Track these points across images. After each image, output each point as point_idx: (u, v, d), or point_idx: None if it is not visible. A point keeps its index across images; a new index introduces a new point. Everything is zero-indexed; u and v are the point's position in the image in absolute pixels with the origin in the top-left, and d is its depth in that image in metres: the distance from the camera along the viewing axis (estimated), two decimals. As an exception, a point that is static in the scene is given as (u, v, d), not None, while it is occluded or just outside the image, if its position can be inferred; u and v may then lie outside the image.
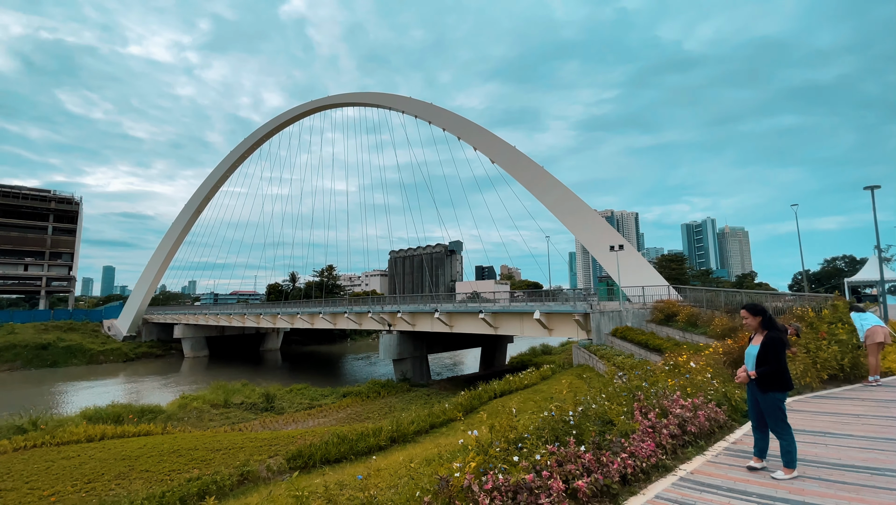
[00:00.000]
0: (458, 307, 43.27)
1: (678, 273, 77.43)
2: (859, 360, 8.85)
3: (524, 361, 48.10)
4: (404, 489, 4.19)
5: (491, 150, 53.33)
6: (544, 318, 35.52)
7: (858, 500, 3.78)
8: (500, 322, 39.92)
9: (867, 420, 6.00)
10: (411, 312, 43.47)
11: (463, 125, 53.71)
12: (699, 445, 5.21)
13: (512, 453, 4.15)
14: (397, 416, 20.82)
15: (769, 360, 4.44)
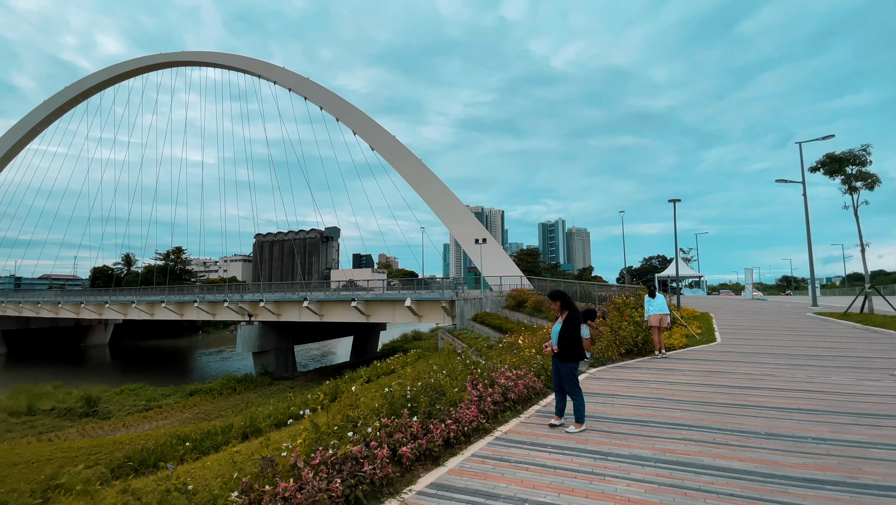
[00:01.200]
0: (330, 295, 41.96)
1: (533, 266, 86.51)
2: (649, 337, 11.10)
3: (395, 347, 48.92)
4: (227, 474, 4.03)
5: (371, 136, 52.48)
6: (415, 305, 36.62)
7: (626, 445, 4.81)
8: (373, 310, 39.88)
9: (647, 385, 7.60)
10: (277, 300, 40.77)
11: (342, 107, 51.77)
12: (517, 410, 6.05)
13: (348, 430, 4.30)
14: (253, 411, 19.49)
15: (566, 335, 5.37)
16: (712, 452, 4.52)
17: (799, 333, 13.95)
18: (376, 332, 54.65)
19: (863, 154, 17.16)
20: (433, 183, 50.50)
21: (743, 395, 6.69)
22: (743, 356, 10.03)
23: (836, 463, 4.18)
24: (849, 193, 17.77)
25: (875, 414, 5.62)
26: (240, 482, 3.29)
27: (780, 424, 5.33)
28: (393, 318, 40.43)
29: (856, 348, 10.79)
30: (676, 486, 3.80)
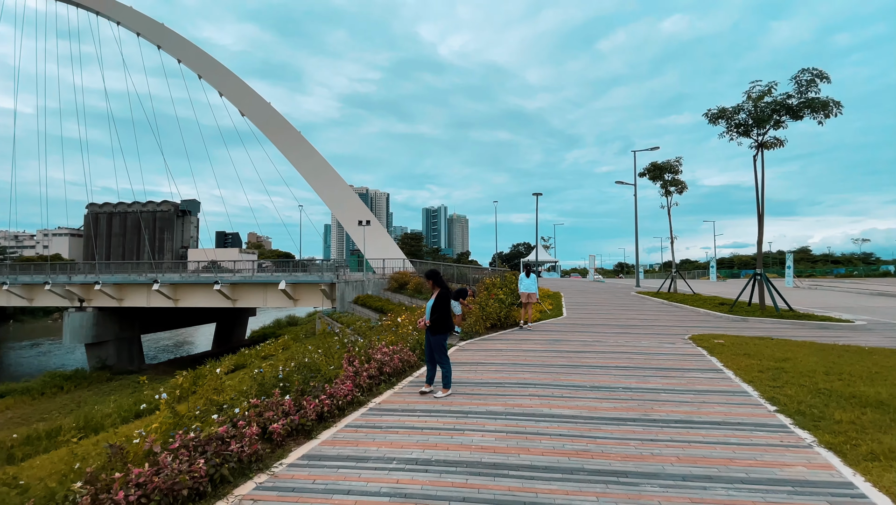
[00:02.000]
0: (188, 278, 37.44)
1: (416, 249, 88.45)
2: (511, 313, 12.45)
3: (266, 333, 45.82)
4: (65, 469, 3.59)
5: (242, 100, 47.37)
6: (290, 288, 34.78)
7: (483, 404, 5.47)
8: (241, 294, 36.73)
9: (505, 353, 8.59)
10: (118, 283, 35.03)
11: (207, 63, 45.68)
12: (391, 382, 6.41)
13: (212, 413, 4.13)
14: (88, 410, 16.71)
15: (437, 310, 5.88)
16: (550, 403, 5.43)
17: (624, 308, 16.96)
18: (244, 318, 50.48)
19: (676, 165, 21.39)
20: (314, 159, 47.91)
21: (577, 357, 8.04)
22: (581, 327, 11.91)
23: (636, 405, 5.38)
24: (664, 196, 22.05)
25: (667, 368, 7.28)
26: (83, 473, 2.98)
27: (601, 378, 6.60)
28: (265, 302, 37.81)
29: (661, 319, 13.60)
30: (520, 432, 4.53)
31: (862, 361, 7.13)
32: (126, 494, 2.83)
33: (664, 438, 4.32)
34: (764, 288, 14.32)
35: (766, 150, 13.52)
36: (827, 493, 3.27)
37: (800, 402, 5.16)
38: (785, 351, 7.90)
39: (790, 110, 12.58)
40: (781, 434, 4.38)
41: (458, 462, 3.85)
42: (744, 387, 5.97)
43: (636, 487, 3.38)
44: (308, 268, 41.26)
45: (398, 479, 3.55)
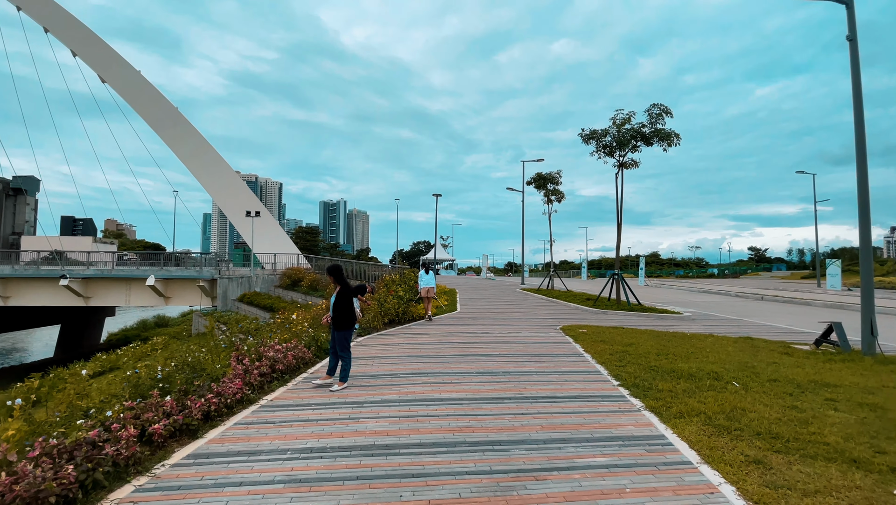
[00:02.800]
0: (24, 271, 31.30)
1: (312, 244, 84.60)
2: (409, 309, 12.89)
3: (129, 336, 40.03)
4: None
5: (102, 64, 40.80)
6: (161, 284, 31.03)
7: (379, 393, 5.75)
8: (97, 290, 31.77)
9: (402, 347, 8.95)
10: (-84, 276, 27.88)
11: (56, 14, 38.47)
12: (284, 379, 6.35)
13: (77, 418, 3.78)
14: None
15: (338, 306, 6.02)
16: (440, 389, 5.93)
17: (509, 304, 18.53)
18: (99, 318, 43.45)
19: (557, 176, 24.00)
20: (193, 139, 43.12)
21: (467, 347, 8.75)
22: (473, 321, 12.83)
23: (512, 386, 6.13)
24: (547, 203, 24.57)
25: (540, 354, 8.31)
26: None
27: (486, 364, 7.32)
28: (127, 300, 33.13)
29: (539, 313, 15.21)
30: (412, 416, 4.92)
31: (684, 344, 8.96)
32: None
33: (533, 412, 5.07)
34: (620, 286, 16.84)
35: (625, 168, 15.94)
36: (646, 443, 4.22)
37: (636, 377, 6.39)
38: (631, 337, 9.55)
39: (644, 137, 15.03)
40: (620, 402, 5.43)
41: (352, 447, 4.10)
42: (597, 367, 7.15)
43: (507, 452, 3.98)
44: (183, 261, 37.07)
45: (293, 467, 3.69)
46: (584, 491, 3.32)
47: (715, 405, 5.10)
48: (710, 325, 12.92)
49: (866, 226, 8.75)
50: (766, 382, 6.12)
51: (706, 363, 7.08)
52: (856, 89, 8.95)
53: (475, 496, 3.24)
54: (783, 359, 7.66)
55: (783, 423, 4.62)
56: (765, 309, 18.90)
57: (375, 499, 3.19)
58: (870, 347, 8.24)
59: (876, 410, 5.09)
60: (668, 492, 3.32)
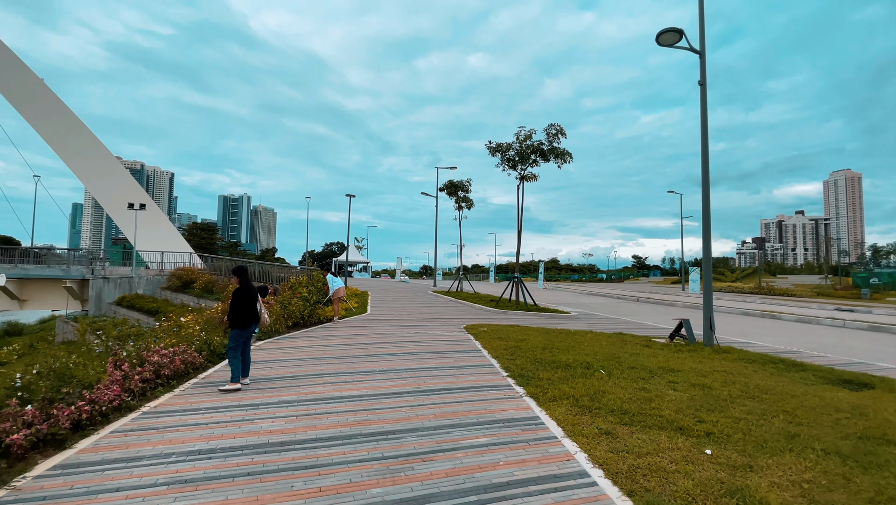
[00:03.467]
0: None
1: (209, 242, 77.57)
2: (315, 311, 12.65)
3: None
4: None
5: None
6: (15, 285, 26.50)
7: (277, 395, 5.69)
8: (-82, 292, 26.07)
9: (305, 349, 8.82)
10: None
11: None
12: (171, 385, 5.99)
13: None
14: None
15: (232, 305, 5.88)
16: (342, 388, 6.06)
17: (420, 305, 18.99)
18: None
19: (467, 184, 25.19)
20: (63, 117, 37.39)
21: (373, 348, 8.93)
22: (382, 322, 12.99)
23: (413, 381, 6.47)
24: (458, 210, 25.64)
25: (442, 351, 8.78)
26: None
27: (390, 363, 7.58)
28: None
29: (447, 313, 15.86)
30: (310, 414, 5.01)
31: (567, 339, 10.07)
32: None
33: (429, 403, 5.45)
34: (519, 288, 18.19)
35: (526, 181, 17.31)
36: (522, 424, 4.81)
37: (522, 368, 7.12)
38: (524, 334, 10.47)
39: (542, 153, 16.49)
40: (506, 391, 6.04)
41: (244, 446, 4.10)
42: (492, 361, 7.80)
43: (400, 440, 4.29)
44: (44, 259, 31.89)
45: (178, 469, 3.61)
46: (464, 466, 3.75)
47: (582, 389, 5.93)
48: (592, 323, 14.57)
49: (707, 242, 10.62)
50: (626, 369, 7.21)
51: (582, 355, 8.09)
52: (703, 126, 10.82)
53: (365, 480, 3.49)
54: (643, 350, 9.01)
55: (632, 401, 5.55)
56: (638, 309, 21.69)
57: (266, 491, 3.29)
58: (708, 340, 10.02)
59: (704, 389, 6.30)
60: (534, 462, 3.88)
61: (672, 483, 3.50)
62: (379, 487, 3.37)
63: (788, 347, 10.95)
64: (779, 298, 31.23)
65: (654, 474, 3.64)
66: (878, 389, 6.53)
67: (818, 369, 7.66)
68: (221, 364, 7.41)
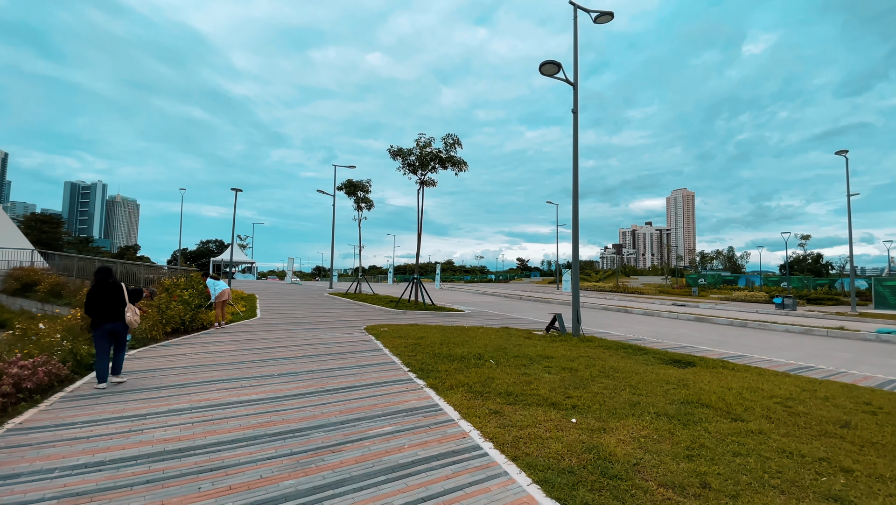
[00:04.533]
0: None
1: (52, 238, 64.96)
2: (197, 316, 11.69)
3: None
4: None
5: None
6: None
7: (165, 404, 5.35)
8: None
9: (190, 357, 8.21)
10: None
11: None
12: (35, 399, 5.26)
13: None
14: None
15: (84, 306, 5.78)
16: (239, 392, 5.92)
17: (316, 308, 18.54)
18: None
19: (367, 185, 25.13)
20: None
21: (269, 352, 8.68)
22: (275, 326, 12.51)
23: (315, 382, 6.55)
24: (357, 210, 25.45)
25: (344, 352, 8.90)
26: None
27: (289, 367, 7.51)
28: None
29: (346, 315, 15.79)
30: (208, 420, 4.87)
31: (461, 334, 10.89)
32: None
33: (333, 401, 5.64)
34: (419, 289, 18.85)
35: (426, 186, 18.02)
36: (423, 411, 5.30)
37: (423, 363, 7.64)
38: (423, 332, 11.05)
39: (441, 161, 17.36)
40: (408, 384, 6.49)
41: (137, 456, 3.91)
42: (393, 358, 8.18)
43: (307, 436, 4.46)
44: None
45: (65, 483, 3.35)
46: (372, 453, 4.09)
47: (475, 378, 6.64)
48: (483, 319, 15.80)
49: (576, 247, 12.35)
50: (511, 358, 8.17)
51: (474, 348, 8.91)
52: (575, 147, 12.56)
53: (276, 474, 3.64)
54: (525, 341, 10.19)
55: (516, 385, 6.40)
56: (522, 306, 23.90)
57: (170, 496, 3.26)
58: (576, 331, 11.67)
59: (571, 372, 7.46)
60: (435, 442, 4.38)
61: (546, 447, 4.27)
62: (291, 479, 3.55)
63: (636, 335, 13.23)
64: (631, 296, 36.88)
65: (532, 442, 4.39)
66: (697, 367, 8.37)
67: (656, 352, 9.51)
68: (90, 375, 6.61)
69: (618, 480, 3.62)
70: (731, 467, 3.91)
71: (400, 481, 3.56)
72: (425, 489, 3.45)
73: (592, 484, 3.55)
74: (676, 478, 3.67)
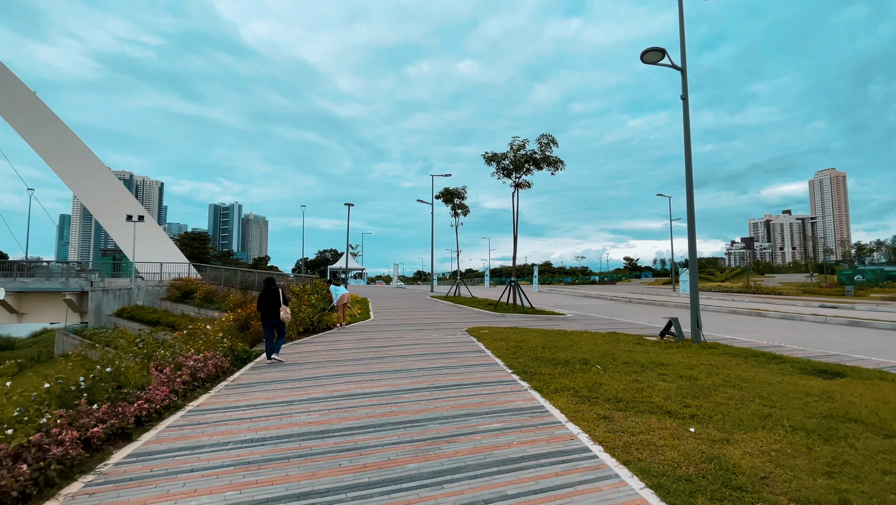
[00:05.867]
0: None
1: (201, 252, 77.45)
2: (323, 317, 13.21)
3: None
4: None
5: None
6: (14, 298, 26.56)
7: (306, 393, 6.24)
8: (-83, 308, 26.10)
9: (320, 353, 9.38)
10: None
11: None
12: (206, 387, 6.53)
13: (10, 427, 3.83)
14: None
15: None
16: (362, 385, 6.64)
17: (420, 310, 19.57)
18: (-83, 341, 35.13)
19: (462, 192, 25.92)
20: (54, 129, 37.52)
21: (384, 350, 9.50)
22: (387, 327, 13.56)
23: (426, 378, 7.06)
24: (454, 216, 26.33)
25: (449, 352, 9.38)
26: None
27: (402, 364, 8.17)
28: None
29: (447, 317, 16.46)
30: (340, 408, 5.59)
31: (564, 339, 10.72)
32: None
33: (444, 397, 6.05)
34: (516, 292, 18.86)
35: (520, 188, 18.03)
36: (529, 412, 5.44)
37: (525, 365, 7.74)
38: (523, 335, 11.11)
39: (535, 162, 17.23)
40: (512, 385, 6.66)
41: (290, 435, 4.67)
42: (496, 360, 8.42)
43: (424, 426, 4.89)
44: (35, 272, 31.92)
45: (238, 454, 4.18)
46: (484, 446, 4.36)
47: (581, 382, 6.57)
48: (587, 323, 15.26)
49: (693, 244, 11.37)
50: (620, 364, 7.87)
51: (579, 353, 8.74)
52: (686, 136, 11.60)
53: (401, 457, 4.09)
54: (636, 347, 9.69)
55: (626, 391, 6.20)
56: (631, 310, 22.46)
57: (319, 468, 3.88)
58: (696, 337, 10.73)
59: (690, 380, 6.97)
60: (542, 441, 4.50)
61: (661, 454, 4.13)
62: (414, 463, 3.97)
63: (771, 342, 11.71)
64: (766, 297, 32.27)
65: (645, 448, 4.28)
66: (848, 378, 7.24)
67: (795, 361, 8.38)
68: (245, 368, 7.95)
69: (742, 491, 3.40)
70: (877, 486, 3.43)
71: (511, 474, 3.77)
72: (536, 483, 3.61)
73: (713, 493, 3.38)
74: (812, 494, 3.33)
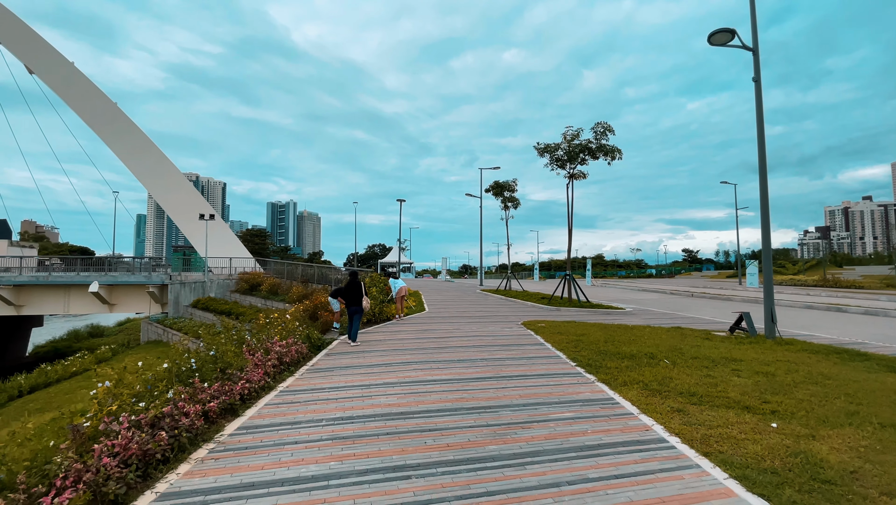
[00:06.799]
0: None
1: (261, 247, 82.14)
2: (384, 309, 13.81)
3: (59, 348, 36.68)
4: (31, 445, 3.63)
5: (29, 53, 38.27)
6: (105, 291, 29.59)
7: (381, 378, 6.67)
8: (31, 298, 29.85)
9: (385, 342, 9.87)
10: None
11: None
12: (291, 371, 7.13)
13: (140, 399, 4.48)
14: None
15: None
16: (430, 373, 6.98)
17: (473, 303, 19.82)
18: (25, 329, 39.98)
19: (513, 184, 25.75)
20: (133, 137, 41.19)
21: (443, 341, 9.83)
22: (442, 319, 13.93)
23: (490, 369, 7.29)
24: (504, 210, 26.28)
25: (508, 344, 9.54)
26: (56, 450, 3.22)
27: (463, 354, 8.44)
28: (66, 308, 31.28)
29: (501, 311, 16.59)
30: (414, 392, 5.94)
31: (626, 333, 10.55)
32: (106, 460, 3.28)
33: (511, 386, 6.24)
34: (571, 285, 18.61)
35: (575, 179, 17.72)
36: (600, 403, 5.51)
37: (589, 359, 7.76)
38: (582, 329, 11.05)
39: (591, 152, 16.86)
40: (578, 377, 6.74)
41: (374, 415, 5.06)
42: (557, 353, 8.48)
43: (496, 413, 5.12)
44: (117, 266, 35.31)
45: (333, 430, 4.61)
46: (559, 433, 4.52)
47: (650, 376, 6.53)
48: (648, 318, 14.84)
49: (767, 235, 10.76)
50: (689, 359, 7.69)
51: (644, 347, 8.61)
52: (759, 121, 10.95)
53: (480, 439, 4.34)
54: (704, 343, 9.38)
55: (699, 386, 6.10)
56: (694, 304, 21.49)
57: (406, 445, 4.21)
58: (770, 332, 10.19)
59: (767, 376, 6.72)
60: (617, 431, 4.59)
61: (742, 448, 4.10)
62: (493, 445, 4.21)
63: (854, 338, 10.89)
64: (845, 291, 29.64)
65: (725, 441, 4.26)
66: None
67: (882, 358, 7.82)
68: (321, 354, 8.55)
69: (831, 484, 3.35)
70: None
71: (590, 459, 3.91)
72: (616, 469, 3.73)
73: (801, 486, 3.35)
74: (919, 494, 3.22)
